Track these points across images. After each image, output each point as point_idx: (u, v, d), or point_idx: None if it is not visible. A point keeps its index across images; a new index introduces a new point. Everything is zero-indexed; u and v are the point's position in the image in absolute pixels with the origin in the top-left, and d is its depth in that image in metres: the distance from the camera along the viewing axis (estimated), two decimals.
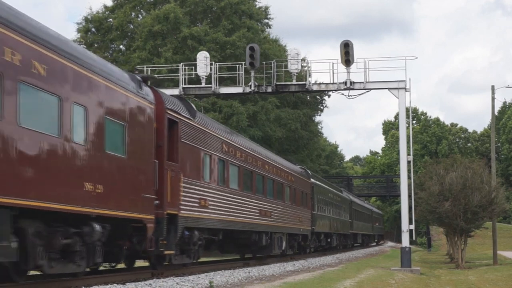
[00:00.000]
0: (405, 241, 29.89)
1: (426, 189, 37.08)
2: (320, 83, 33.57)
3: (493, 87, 40.30)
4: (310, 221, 37.50)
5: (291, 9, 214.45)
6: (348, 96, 30.53)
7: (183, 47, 48.41)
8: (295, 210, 33.92)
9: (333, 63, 30.23)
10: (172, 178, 18.18)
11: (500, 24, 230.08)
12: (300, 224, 34.85)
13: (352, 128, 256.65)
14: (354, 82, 30.12)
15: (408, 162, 30.27)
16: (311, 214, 38.00)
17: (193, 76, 32.13)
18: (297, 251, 36.15)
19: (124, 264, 17.74)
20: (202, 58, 30.76)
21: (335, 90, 31.03)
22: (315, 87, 32.55)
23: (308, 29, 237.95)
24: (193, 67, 31.49)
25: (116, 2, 52.87)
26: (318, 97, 59.94)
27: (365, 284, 20.18)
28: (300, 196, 35.50)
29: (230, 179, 23.56)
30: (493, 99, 40.52)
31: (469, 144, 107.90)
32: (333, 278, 21.46)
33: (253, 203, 26.36)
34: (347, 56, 29.39)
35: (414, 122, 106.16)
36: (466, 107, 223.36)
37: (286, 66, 31.32)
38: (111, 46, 53.48)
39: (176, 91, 30.14)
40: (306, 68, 36.51)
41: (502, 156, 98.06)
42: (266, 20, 56.04)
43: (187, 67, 31.79)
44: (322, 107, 62.55)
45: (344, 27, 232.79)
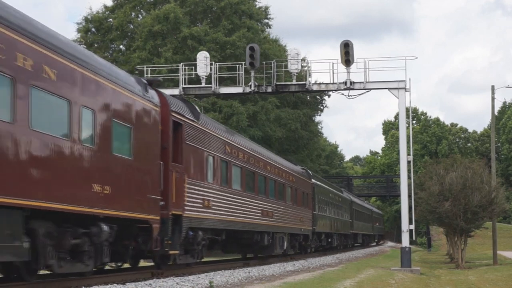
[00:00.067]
0: (405, 241, 29.89)
1: (426, 189, 37.07)
2: (320, 83, 33.57)
3: (493, 87, 40.31)
4: (311, 221, 37.57)
5: (291, 9, 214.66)
6: (348, 96, 30.56)
7: (183, 47, 48.39)
8: (297, 210, 34.01)
9: (333, 63, 30.29)
10: (177, 179, 18.45)
11: (500, 24, 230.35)
12: (301, 224, 34.94)
13: (352, 128, 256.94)
14: (354, 82, 30.12)
15: (408, 162, 30.27)
16: (312, 214, 38.09)
17: (193, 76, 32.13)
18: (298, 251, 36.28)
19: (129, 264, 17.88)
20: (202, 58, 30.77)
21: (335, 90, 31.03)
22: (315, 87, 32.56)
23: (308, 29, 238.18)
24: (193, 67, 31.49)
25: (116, 2, 52.85)
26: (318, 97, 59.91)
27: (365, 284, 20.18)
28: (301, 197, 35.60)
29: (232, 180, 23.74)
30: (493, 99, 40.53)
31: (469, 144, 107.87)
32: (333, 278, 21.47)
33: (255, 203, 26.49)
34: (347, 56, 29.40)
35: (414, 122, 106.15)
36: (466, 107, 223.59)
37: (286, 66, 31.32)
38: (111, 46, 53.44)
39: (176, 91, 30.15)
40: (306, 68, 36.53)
41: (502, 156, 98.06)
42: (266, 20, 56.02)
43: (187, 67, 31.80)
44: (322, 107, 62.58)
45: (344, 27, 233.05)
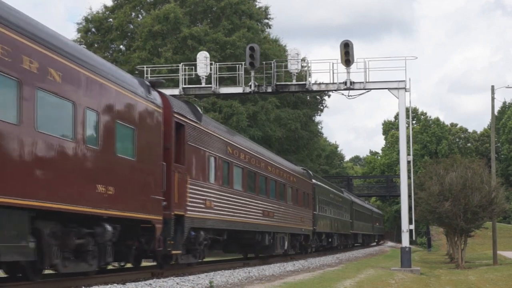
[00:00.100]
0: (405, 241, 29.89)
1: (426, 189, 37.08)
2: (320, 83, 33.56)
3: (493, 87, 40.31)
4: (311, 221, 37.66)
5: (291, 9, 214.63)
6: (348, 96, 30.56)
7: (183, 47, 48.38)
8: (297, 211, 34.11)
9: (333, 63, 30.28)
10: (179, 180, 18.58)
11: (500, 24, 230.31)
12: (302, 224, 35.03)
13: (352, 128, 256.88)
14: (354, 82, 30.11)
15: (408, 162, 30.27)
16: (313, 215, 38.17)
17: (193, 76, 32.12)
18: (299, 251, 36.39)
19: (130, 264, 17.97)
20: (202, 58, 30.76)
21: (335, 90, 31.02)
22: (315, 87, 32.55)
23: (308, 29, 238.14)
24: (193, 67, 31.49)
25: (116, 2, 52.82)
26: (318, 97, 59.89)
27: (365, 284, 20.18)
28: (302, 197, 35.70)
29: (234, 181, 23.89)
30: (493, 99, 40.53)
31: (469, 144, 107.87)
32: (333, 278, 21.47)
33: (256, 203, 26.61)
34: (347, 56, 29.39)
35: (414, 122, 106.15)
36: (466, 107, 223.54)
37: (286, 66, 31.31)
38: (111, 46, 53.42)
39: (176, 91, 30.17)
40: (306, 68, 36.52)
41: (502, 156, 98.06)
42: (266, 20, 55.97)
43: (187, 67, 31.79)
44: (322, 107, 62.54)
45: (344, 27, 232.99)
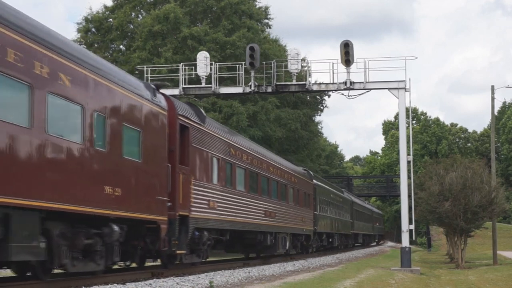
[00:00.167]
0: (405, 241, 29.89)
1: (426, 189, 37.07)
2: (320, 83, 33.54)
3: (493, 87, 40.30)
4: (312, 221, 37.78)
5: (291, 9, 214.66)
6: (348, 96, 30.55)
7: (183, 47, 48.36)
8: (298, 211, 34.27)
9: (333, 63, 30.26)
10: (184, 181, 18.95)
11: (500, 24, 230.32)
12: (303, 225, 35.16)
13: (352, 128, 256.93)
14: (354, 82, 30.11)
15: (408, 162, 30.26)
16: (314, 215, 38.29)
17: (193, 76, 32.12)
18: (300, 251, 36.54)
19: (135, 263, 18.24)
20: (202, 58, 30.76)
21: (335, 90, 31.02)
22: (315, 87, 32.54)
23: (308, 29, 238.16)
24: (193, 67, 31.48)
25: (116, 2, 52.79)
26: (318, 97, 59.87)
27: (365, 284, 20.18)
28: (303, 197, 35.87)
29: (237, 181, 24.18)
30: (493, 99, 40.52)
31: (469, 144, 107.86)
32: (333, 278, 21.47)
33: (258, 204, 26.83)
34: (347, 56, 29.38)
35: (414, 122, 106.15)
36: (466, 107, 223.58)
37: (286, 66, 31.30)
38: (111, 46, 53.40)
39: (176, 91, 30.17)
40: (306, 68, 36.51)
41: (502, 156, 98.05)
42: (266, 20, 55.92)
43: (187, 67, 31.79)
44: (322, 107, 62.52)
45: (344, 27, 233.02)
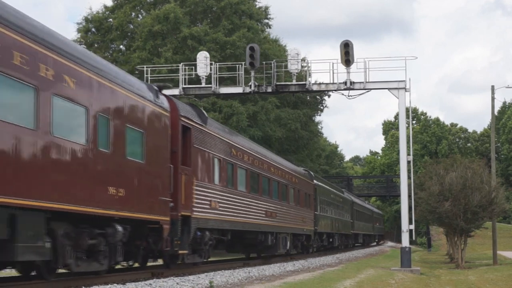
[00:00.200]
0: (405, 241, 29.88)
1: (426, 189, 37.07)
2: (320, 83, 33.54)
3: (493, 87, 40.29)
4: (313, 221, 37.85)
5: (291, 9, 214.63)
6: (348, 96, 30.54)
7: (183, 47, 48.36)
8: (299, 211, 34.37)
9: (333, 63, 30.25)
10: (186, 182, 19.11)
11: (500, 24, 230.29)
12: (303, 225, 35.25)
13: (352, 128, 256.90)
14: (354, 82, 30.10)
15: (408, 162, 30.26)
16: (314, 215, 38.37)
17: (193, 76, 32.11)
18: (300, 251, 36.60)
19: (137, 263, 18.35)
20: (202, 58, 30.75)
21: (335, 90, 31.01)
22: (315, 87, 32.53)
23: (308, 29, 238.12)
24: (193, 67, 31.48)
25: (116, 2, 52.79)
26: (318, 97, 59.87)
27: (365, 284, 20.17)
28: (303, 197, 35.97)
29: (238, 182, 24.33)
30: (493, 99, 40.51)
31: (469, 144, 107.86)
32: (333, 278, 21.47)
33: (259, 204, 26.94)
34: (347, 56, 29.37)
35: (414, 122, 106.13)
36: (466, 107, 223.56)
37: (286, 66, 31.29)
38: (111, 46, 53.40)
39: (176, 91, 30.16)
40: (306, 68, 36.50)
41: (502, 156, 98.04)
42: (266, 20, 55.93)
43: (187, 67, 31.79)
44: (322, 107, 62.53)
45: (344, 27, 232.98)
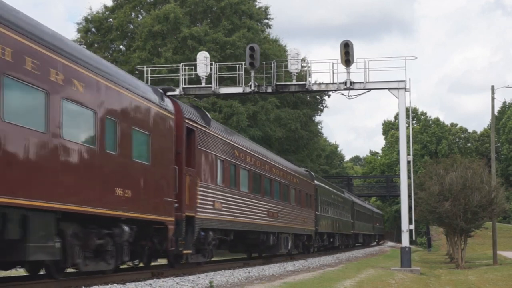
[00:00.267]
0: (405, 241, 29.89)
1: (426, 189, 37.07)
2: (320, 83, 33.55)
3: (493, 87, 40.30)
4: (314, 221, 37.96)
5: (291, 9, 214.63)
6: (348, 96, 30.54)
7: (183, 47, 48.36)
8: (300, 211, 34.52)
9: (333, 63, 30.23)
10: (190, 183, 19.45)
11: (500, 24, 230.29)
12: (304, 225, 35.39)
13: (352, 128, 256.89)
14: (354, 82, 30.10)
15: (408, 162, 30.26)
16: (315, 215, 38.50)
17: (193, 76, 32.11)
18: (301, 251, 36.75)
19: (142, 263, 18.58)
20: (202, 58, 30.75)
21: (335, 90, 31.01)
22: (315, 87, 32.53)
23: (308, 29, 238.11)
24: (193, 67, 31.47)
25: (116, 2, 52.79)
26: (318, 97, 59.87)
27: (365, 284, 20.18)
28: (304, 198, 36.11)
29: (240, 182, 24.59)
30: (493, 99, 40.52)
31: (469, 144, 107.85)
32: (333, 278, 21.47)
33: (261, 204, 27.15)
34: (347, 56, 29.37)
35: (414, 122, 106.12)
36: (466, 107, 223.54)
37: (286, 66, 31.29)
38: (111, 46, 53.39)
39: (176, 91, 30.12)
40: (306, 68, 36.53)
41: (502, 156, 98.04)
42: (266, 20, 55.93)
43: (187, 67, 31.78)
44: (322, 107, 62.53)
45: (344, 27, 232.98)
